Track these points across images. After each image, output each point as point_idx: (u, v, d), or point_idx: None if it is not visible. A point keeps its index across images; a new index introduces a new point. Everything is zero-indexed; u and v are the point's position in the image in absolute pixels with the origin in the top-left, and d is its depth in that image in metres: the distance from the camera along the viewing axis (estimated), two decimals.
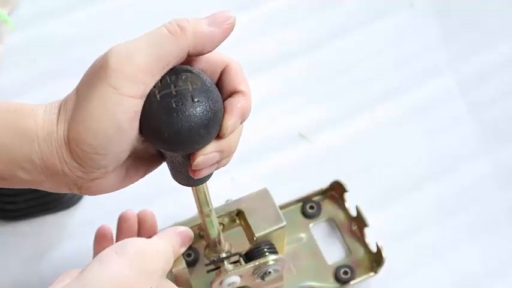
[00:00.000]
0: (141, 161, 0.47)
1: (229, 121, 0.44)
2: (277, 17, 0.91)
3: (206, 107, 0.42)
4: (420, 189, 0.76)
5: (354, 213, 0.71)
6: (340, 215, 0.72)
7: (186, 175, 0.47)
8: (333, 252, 0.71)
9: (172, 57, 0.42)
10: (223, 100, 0.45)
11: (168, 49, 0.42)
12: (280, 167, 0.77)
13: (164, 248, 0.52)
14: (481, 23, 0.90)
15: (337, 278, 0.68)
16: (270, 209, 0.61)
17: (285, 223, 0.61)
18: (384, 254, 0.67)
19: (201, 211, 0.54)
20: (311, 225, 0.72)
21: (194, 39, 0.42)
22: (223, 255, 0.59)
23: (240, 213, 0.62)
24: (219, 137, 0.44)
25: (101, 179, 0.45)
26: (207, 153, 0.44)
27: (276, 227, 0.60)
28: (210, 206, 0.54)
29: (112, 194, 0.74)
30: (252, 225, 0.60)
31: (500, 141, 0.80)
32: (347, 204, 0.72)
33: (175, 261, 0.56)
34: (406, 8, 0.91)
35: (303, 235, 0.71)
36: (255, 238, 0.60)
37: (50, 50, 0.86)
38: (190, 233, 0.57)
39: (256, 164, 0.77)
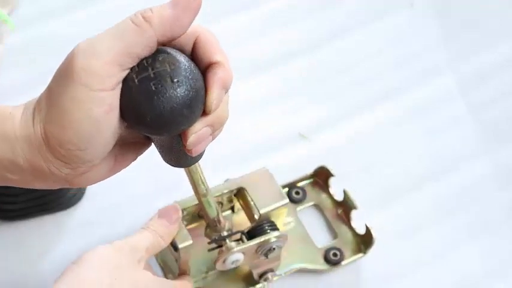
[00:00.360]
0: (128, 146, 0.47)
1: (212, 96, 0.43)
2: (277, 17, 0.91)
3: (187, 86, 0.41)
4: (420, 189, 0.76)
5: (339, 198, 0.72)
6: (325, 201, 0.73)
7: (177, 156, 0.46)
8: (321, 236, 0.72)
9: (140, 48, 0.41)
10: (202, 73, 0.44)
11: (134, 41, 0.41)
12: (281, 167, 0.76)
13: (124, 245, 0.53)
14: (481, 23, 0.90)
15: (327, 260, 0.69)
16: (271, 186, 0.62)
17: (287, 200, 0.62)
18: (373, 234, 0.68)
19: (196, 191, 0.54)
20: (298, 209, 0.72)
21: (160, 27, 0.41)
22: (225, 233, 0.59)
23: (239, 192, 0.62)
24: (205, 113, 0.43)
25: (89, 172, 0.44)
26: (197, 131, 0.43)
27: (280, 203, 0.61)
28: (206, 185, 0.53)
29: (112, 194, 0.74)
30: (255, 202, 0.61)
31: (500, 141, 0.80)
32: (332, 190, 0.73)
33: (180, 238, 0.57)
34: (406, 8, 0.91)
35: (290, 219, 0.72)
36: (258, 215, 0.60)
37: (50, 50, 0.86)
38: (173, 206, 0.58)
39: (256, 163, 0.76)
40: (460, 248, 0.72)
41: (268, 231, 0.61)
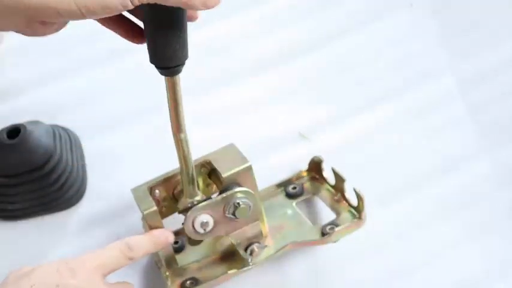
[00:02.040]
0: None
1: None
2: (277, 17, 0.91)
3: None
4: (420, 189, 0.76)
5: (333, 182, 0.72)
6: (323, 192, 0.73)
7: (171, 40, 0.50)
8: (319, 220, 0.71)
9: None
10: None
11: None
12: (281, 167, 0.77)
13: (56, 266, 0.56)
14: (481, 23, 0.90)
15: (323, 234, 0.68)
16: (235, 155, 0.64)
17: (249, 163, 0.63)
18: (362, 195, 0.67)
19: (176, 123, 0.56)
20: (294, 203, 0.72)
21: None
22: (198, 199, 0.61)
23: (212, 172, 0.64)
24: None
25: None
26: None
27: (242, 167, 0.62)
28: (184, 122, 0.57)
29: (112, 194, 0.74)
30: (218, 169, 0.62)
31: (500, 141, 0.80)
32: (327, 178, 0.73)
33: (145, 205, 0.62)
34: (406, 8, 0.91)
35: (288, 211, 0.71)
36: (222, 179, 0.62)
37: (50, 50, 0.86)
38: (167, 232, 0.62)
39: (256, 164, 0.76)
40: (460, 248, 0.72)
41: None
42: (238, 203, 0.61)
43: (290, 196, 0.73)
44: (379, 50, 0.88)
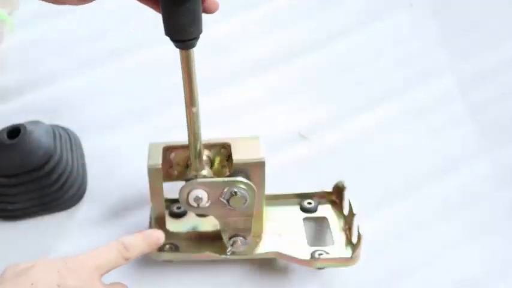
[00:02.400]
0: None
1: None
2: (277, 17, 0.91)
3: None
4: (420, 189, 0.76)
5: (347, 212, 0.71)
6: (335, 218, 0.71)
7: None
8: (317, 242, 0.70)
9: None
10: None
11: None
12: (281, 167, 0.77)
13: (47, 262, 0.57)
14: (481, 23, 0.90)
15: (312, 257, 0.67)
16: (254, 147, 0.64)
17: (263, 159, 0.63)
18: (362, 235, 0.64)
19: (189, 94, 0.57)
20: (303, 217, 0.72)
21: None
22: (204, 173, 0.62)
23: (230, 156, 0.64)
24: None
25: None
26: None
27: (254, 159, 0.63)
28: (197, 97, 0.58)
29: (112, 194, 0.74)
30: (233, 153, 0.63)
31: (500, 141, 0.80)
32: (344, 206, 0.71)
33: (152, 159, 0.63)
34: (406, 8, 0.91)
35: (294, 223, 0.71)
36: (233, 163, 0.62)
37: (50, 50, 0.86)
38: (159, 232, 0.63)
39: None
40: (460, 248, 0.72)
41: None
42: (236, 192, 0.61)
43: (303, 209, 0.72)
44: (379, 50, 0.88)
